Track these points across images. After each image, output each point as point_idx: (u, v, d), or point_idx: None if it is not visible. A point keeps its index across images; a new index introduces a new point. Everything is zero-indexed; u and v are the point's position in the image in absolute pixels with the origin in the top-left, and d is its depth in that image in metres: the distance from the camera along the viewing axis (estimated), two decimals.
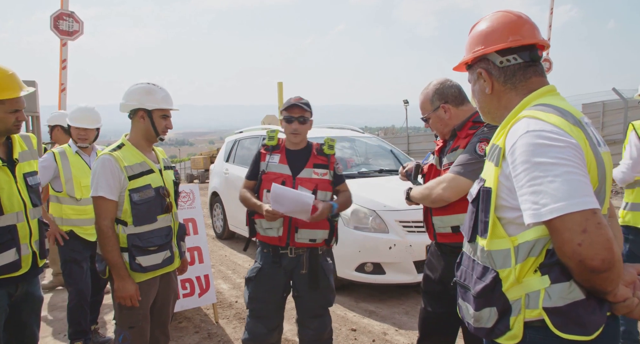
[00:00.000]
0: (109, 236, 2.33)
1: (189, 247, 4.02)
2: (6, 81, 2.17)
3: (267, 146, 2.80)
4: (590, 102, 15.46)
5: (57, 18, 6.68)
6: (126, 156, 2.42)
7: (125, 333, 2.40)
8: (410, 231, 4.41)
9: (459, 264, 1.49)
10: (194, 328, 3.93)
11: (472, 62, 1.46)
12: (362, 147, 6.41)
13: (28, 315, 2.36)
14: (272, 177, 2.67)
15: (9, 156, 2.28)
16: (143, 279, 2.42)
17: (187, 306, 3.98)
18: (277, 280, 2.69)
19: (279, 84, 13.46)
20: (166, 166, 2.66)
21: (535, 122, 1.20)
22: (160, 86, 2.54)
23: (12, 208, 2.21)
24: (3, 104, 2.16)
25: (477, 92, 1.47)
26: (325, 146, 2.77)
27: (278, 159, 2.72)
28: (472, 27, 1.49)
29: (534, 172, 1.14)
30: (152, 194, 2.43)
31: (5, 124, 2.20)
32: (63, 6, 6.75)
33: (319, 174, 2.71)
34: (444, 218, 2.21)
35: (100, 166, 2.35)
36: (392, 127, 55.65)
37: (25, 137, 2.47)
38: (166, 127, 2.54)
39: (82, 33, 6.97)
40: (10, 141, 2.33)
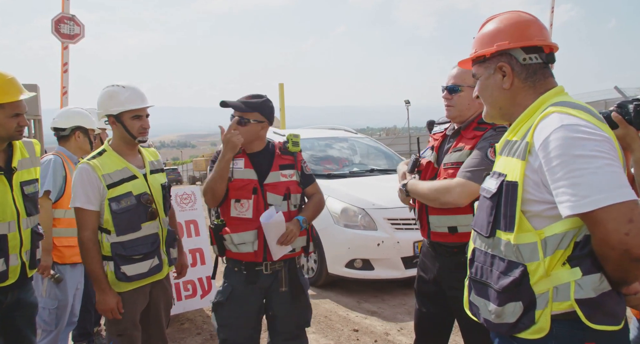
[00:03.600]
0: (89, 248, 2.27)
1: (190, 248, 4.03)
2: (6, 86, 2.16)
3: None
4: (592, 100, 15.45)
5: (58, 21, 6.71)
6: (105, 163, 2.33)
7: (114, 340, 2.37)
8: (398, 229, 4.58)
9: (471, 260, 1.48)
10: (196, 329, 3.93)
11: (491, 56, 1.45)
12: (355, 147, 6.59)
13: (21, 321, 2.34)
14: (240, 185, 2.37)
15: (7, 164, 2.26)
16: (129, 289, 2.34)
17: (189, 308, 4.00)
18: (252, 302, 2.40)
19: (280, 85, 13.48)
20: (154, 169, 2.53)
21: (568, 117, 1.22)
22: (127, 85, 2.40)
23: (4, 218, 2.18)
24: (3, 109, 2.14)
25: (491, 86, 1.46)
26: (289, 144, 2.50)
27: (243, 164, 2.42)
28: (484, 24, 1.51)
29: (572, 165, 1.16)
30: (133, 202, 2.33)
31: (7, 129, 2.18)
32: (64, 10, 6.78)
33: (287, 175, 2.44)
34: (441, 218, 2.14)
35: (78, 176, 2.29)
36: (394, 128, 55.63)
37: (28, 143, 2.44)
38: (142, 127, 2.39)
39: (84, 36, 7.00)
40: (11, 148, 2.31)
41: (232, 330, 2.39)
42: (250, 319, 2.41)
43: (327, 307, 4.37)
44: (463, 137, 2.16)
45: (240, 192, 2.37)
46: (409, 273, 4.43)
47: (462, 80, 2.15)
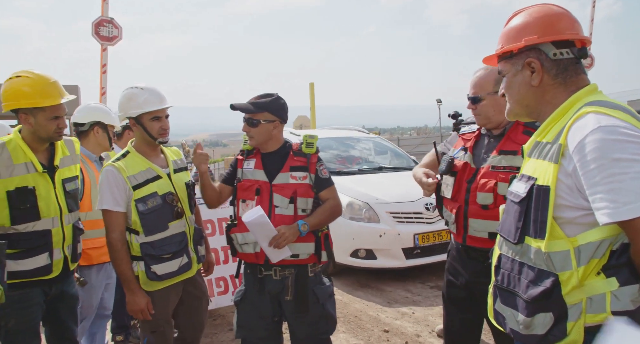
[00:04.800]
0: (118, 249, 2.29)
1: (222, 246, 4.09)
2: (48, 89, 2.25)
3: (243, 150, 2.50)
4: (635, 98, 14.83)
5: (98, 24, 6.94)
6: (130, 165, 2.35)
7: (148, 337, 2.40)
8: (400, 221, 4.92)
9: (497, 267, 1.41)
10: (228, 325, 3.99)
11: (518, 52, 1.38)
12: (366, 146, 6.95)
13: (64, 312, 2.46)
14: (247, 185, 2.36)
15: (50, 162, 2.36)
16: (160, 288, 2.37)
17: (221, 304, 4.05)
18: (263, 307, 2.35)
19: (310, 84, 13.52)
20: (177, 168, 2.54)
21: (606, 118, 1.15)
22: (145, 86, 2.41)
23: (49, 214, 2.28)
24: (44, 111, 2.24)
25: (518, 84, 1.39)
26: (303, 145, 2.40)
27: (253, 165, 2.40)
28: (511, 18, 1.44)
29: (611, 169, 1.09)
30: (159, 202, 2.35)
31: (47, 131, 2.28)
32: (103, 13, 7.01)
33: (297, 178, 2.34)
34: (483, 222, 2.05)
35: (104, 178, 2.31)
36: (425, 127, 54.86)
37: (68, 141, 2.54)
38: (161, 128, 2.40)
39: (121, 38, 7.21)
40: (53, 146, 2.40)
41: (248, 331, 2.40)
42: (265, 322, 2.37)
43: (358, 307, 4.36)
44: (510, 139, 2.07)
45: (246, 193, 2.36)
46: (409, 263, 4.87)
47: (481, 89, 2.12)
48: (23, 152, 2.25)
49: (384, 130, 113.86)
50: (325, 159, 5.87)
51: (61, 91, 2.32)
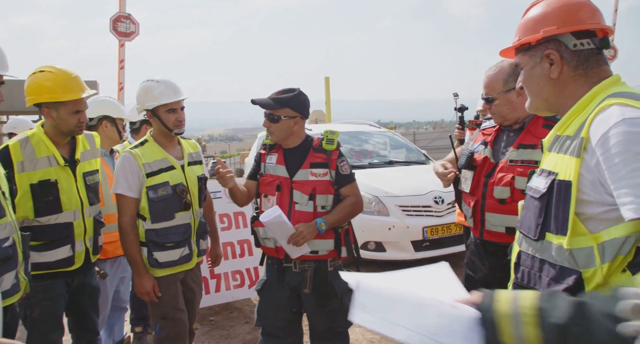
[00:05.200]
0: (127, 232, 2.37)
1: (239, 239, 4.13)
2: (69, 83, 2.29)
3: (265, 145, 2.50)
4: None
5: (115, 20, 7.02)
6: (146, 153, 2.42)
7: (160, 323, 2.45)
8: (409, 215, 4.97)
9: (517, 264, 1.38)
10: (244, 318, 4.03)
11: (537, 44, 1.33)
12: (377, 140, 7.01)
13: (86, 303, 2.52)
14: (268, 180, 2.38)
15: (71, 156, 2.41)
16: (161, 275, 2.43)
17: (238, 297, 4.10)
18: (282, 297, 2.39)
19: (325, 79, 13.48)
20: (192, 161, 2.58)
21: (631, 110, 1.10)
22: (161, 79, 2.45)
23: (70, 206, 2.33)
24: (65, 106, 2.28)
25: (537, 76, 1.34)
26: (323, 141, 2.37)
27: (275, 160, 2.41)
28: (529, 9, 1.40)
29: (636, 163, 1.04)
30: (169, 191, 2.40)
31: (68, 125, 2.32)
32: (121, 9, 7.09)
33: (317, 174, 2.32)
34: (500, 217, 2.03)
35: (120, 164, 2.39)
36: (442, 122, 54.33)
37: (89, 136, 2.59)
38: (177, 120, 2.45)
39: (138, 34, 7.28)
40: (74, 140, 2.46)
41: (268, 320, 2.44)
42: (283, 313, 2.40)
43: None
44: (530, 133, 2.05)
45: (267, 188, 2.39)
46: (418, 255, 4.90)
47: (492, 89, 2.12)
48: (46, 146, 2.31)
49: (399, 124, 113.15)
50: None
51: (82, 85, 2.36)
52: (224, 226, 4.10)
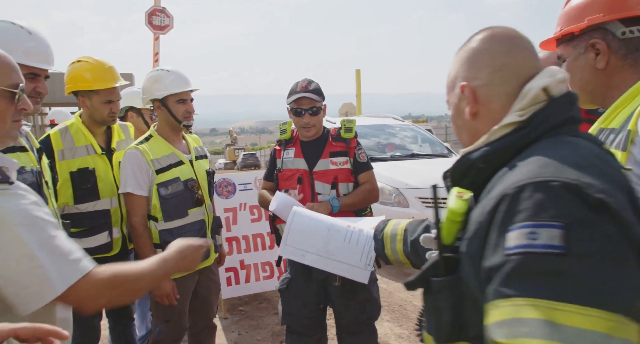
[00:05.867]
0: (140, 232, 2.26)
1: (268, 231, 4.16)
2: (102, 73, 2.36)
3: (281, 140, 2.48)
4: None
5: (151, 14, 7.15)
6: (153, 148, 2.30)
7: (161, 326, 2.36)
8: (428, 207, 4.99)
9: None
10: (273, 309, 4.07)
11: (580, 33, 1.27)
12: (400, 134, 7.08)
13: None
14: (288, 175, 2.37)
15: (107, 145, 2.48)
16: (178, 276, 2.31)
17: (267, 288, 4.14)
18: (309, 293, 2.34)
19: (356, 71, 13.39)
20: (199, 155, 2.51)
21: None
22: (171, 69, 2.38)
23: (107, 194, 2.40)
24: (98, 94, 2.35)
25: (581, 68, 1.28)
26: (342, 130, 2.39)
27: (293, 154, 2.39)
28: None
29: None
30: (181, 187, 2.31)
31: (101, 114, 2.38)
32: (156, 3, 7.22)
33: (337, 163, 2.33)
34: None
35: (127, 161, 2.26)
36: None
37: (123, 126, 2.67)
38: (186, 111, 2.35)
39: (172, 27, 7.41)
40: (110, 130, 2.53)
41: (294, 318, 2.39)
42: (310, 310, 2.37)
43: (403, 296, 4.33)
44: None
45: (287, 183, 2.36)
46: None
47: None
48: (84, 135, 2.39)
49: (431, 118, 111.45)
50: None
51: (115, 76, 2.43)
52: (254, 218, 4.14)
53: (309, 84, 2.34)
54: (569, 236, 0.64)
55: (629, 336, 0.60)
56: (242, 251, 4.07)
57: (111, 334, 2.73)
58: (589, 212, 0.66)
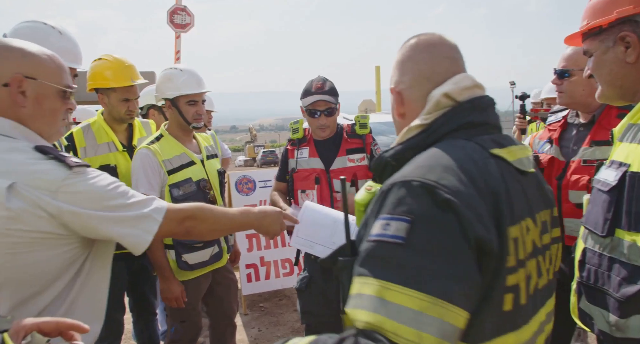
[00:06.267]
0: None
1: (288, 226, 4.16)
2: (120, 71, 2.39)
3: (293, 140, 2.44)
4: None
5: (172, 12, 7.23)
6: (165, 148, 2.26)
7: (176, 326, 2.35)
8: None
9: (582, 262, 1.30)
10: (292, 306, 4.08)
11: (609, 26, 1.23)
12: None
13: (144, 285, 2.64)
14: (304, 175, 2.33)
15: (129, 142, 2.52)
16: (191, 277, 2.30)
17: (286, 285, 4.15)
18: (330, 291, 2.29)
19: (376, 68, 13.28)
20: (210, 155, 2.47)
21: None
22: (184, 68, 2.33)
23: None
24: (115, 92, 2.38)
25: (610, 62, 1.25)
26: (356, 126, 2.37)
27: (308, 153, 2.36)
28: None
29: None
30: (194, 188, 2.27)
31: (118, 111, 2.42)
32: (177, 2, 7.29)
33: (354, 160, 2.32)
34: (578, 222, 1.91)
35: (139, 161, 2.21)
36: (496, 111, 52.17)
37: (145, 123, 2.71)
38: (197, 113, 2.30)
39: (193, 25, 7.47)
40: (131, 128, 2.56)
41: (314, 317, 2.36)
42: (331, 308, 2.30)
43: None
44: (603, 127, 1.82)
45: (304, 183, 2.33)
46: None
47: (574, 63, 1.86)
48: (105, 133, 2.43)
49: None
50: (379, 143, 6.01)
51: (134, 74, 2.45)
52: None
53: (324, 84, 2.30)
54: (412, 229, 0.74)
55: (438, 314, 0.70)
56: (262, 248, 4.09)
57: (135, 328, 2.78)
58: (436, 209, 0.75)
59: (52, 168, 1.07)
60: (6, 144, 1.08)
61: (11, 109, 1.12)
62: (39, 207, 1.04)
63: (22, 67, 1.12)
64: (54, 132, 1.21)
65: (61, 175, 1.07)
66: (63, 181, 1.07)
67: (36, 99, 1.14)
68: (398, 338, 0.69)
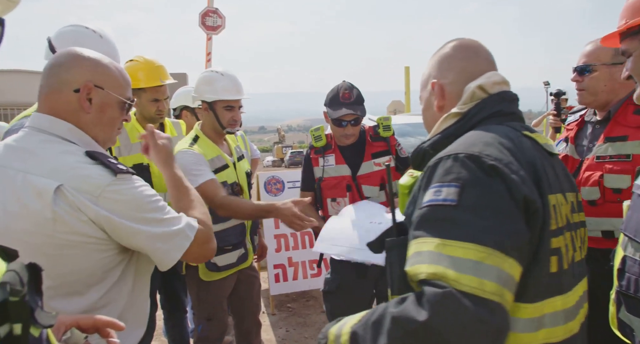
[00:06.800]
0: (229, 202, 2.11)
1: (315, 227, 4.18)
2: (150, 72, 2.44)
3: (317, 148, 2.40)
4: None
5: (204, 15, 7.35)
6: (204, 150, 2.25)
7: (203, 324, 2.36)
8: None
9: (621, 271, 1.25)
10: (320, 307, 4.08)
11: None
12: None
13: (176, 284, 2.69)
14: (333, 183, 2.31)
15: None
16: (218, 278, 2.31)
17: (314, 286, 4.15)
18: (362, 292, 2.29)
19: (405, 68, 13.15)
20: (239, 156, 2.47)
21: None
22: (225, 72, 2.31)
23: (161, 189, 2.43)
24: (145, 93, 2.42)
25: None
26: (380, 129, 2.35)
27: (334, 160, 2.33)
28: None
29: None
30: (229, 191, 2.25)
31: (149, 111, 2.46)
32: (209, 4, 7.41)
33: (380, 164, 2.30)
34: (594, 220, 1.81)
35: (187, 157, 2.14)
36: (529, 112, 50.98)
37: (176, 123, 2.76)
38: (232, 119, 2.28)
39: (224, 27, 7.58)
40: (162, 127, 2.61)
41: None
42: (361, 309, 2.30)
43: None
44: (618, 123, 1.77)
45: (334, 191, 2.31)
46: None
47: (595, 58, 1.81)
48: (138, 132, 2.48)
49: None
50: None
51: (163, 74, 2.49)
52: None
53: (351, 93, 2.28)
54: (462, 192, 0.81)
55: (496, 263, 0.76)
56: (290, 249, 4.11)
57: (166, 325, 2.84)
58: (483, 174, 0.83)
59: (98, 173, 1.10)
60: (60, 146, 1.13)
61: (75, 113, 1.18)
62: (81, 211, 1.07)
63: (94, 76, 1.19)
64: (108, 139, 1.28)
65: (106, 180, 1.10)
66: (107, 187, 1.10)
67: (100, 107, 1.20)
68: (461, 286, 0.73)
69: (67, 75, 1.17)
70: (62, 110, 1.17)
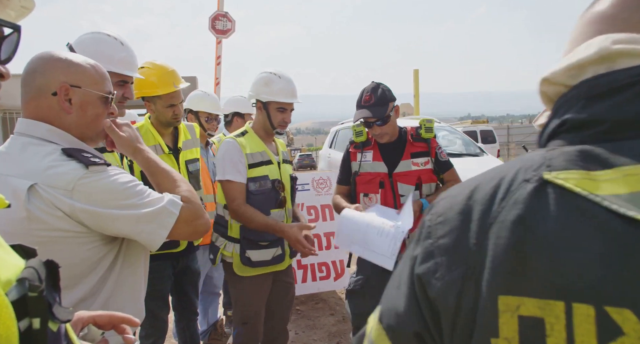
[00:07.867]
0: (242, 211, 2.21)
1: (325, 232, 4.18)
2: (164, 78, 2.47)
3: (357, 143, 2.46)
4: None
5: (214, 19, 7.42)
6: (249, 144, 2.33)
7: (239, 329, 2.37)
8: None
9: None
10: (329, 309, 4.08)
11: None
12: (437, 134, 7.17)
13: (188, 285, 2.70)
14: (367, 178, 2.37)
15: (174, 145, 2.59)
16: (251, 274, 2.31)
17: (323, 289, 4.16)
18: None
19: (414, 71, 13.14)
20: (285, 160, 2.51)
21: None
22: (282, 75, 2.39)
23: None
24: (161, 99, 2.46)
25: None
26: (422, 130, 2.39)
27: (371, 157, 2.39)
28: None
29: None
30: (269, 185, 2.31)
31: (165, 116, 2.49)
32: (219, 8, 7.47)
33: (419, 164, 2.33)
34: None
35: (225, 150, 2.29)
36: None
37: (190, 126, 2.78)
38: (283, 121, 2.37)
39: (234, 31, 7.64)
40: (176, 131, 2.64)
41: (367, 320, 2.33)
42: None
43: None
44: None
45: (367, 187, 2.35)
46: None
47: None
48: (152, 136, 2.52)
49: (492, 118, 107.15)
50: None
51: (176, 79, 2.51)
52: (311, 218, 4.17)
53: (371, 96, 2.31)
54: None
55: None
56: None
57: (176, 327, 2.86)
58: None
59: (71, 168, 1.12)
60: (38, 148, 1.15)
61: (59, 116, 1.19)
62: (56, 207, 1.09)
63: (68, 76, 1.19)
64: (95, 136, 1.28)
65: (78, 174, 1.11)
66: (79, 180, 1.11)
67: (81, 106, 1.21)
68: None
69: (42, 80, 1.18)
70: (45, 115, 1.18)
